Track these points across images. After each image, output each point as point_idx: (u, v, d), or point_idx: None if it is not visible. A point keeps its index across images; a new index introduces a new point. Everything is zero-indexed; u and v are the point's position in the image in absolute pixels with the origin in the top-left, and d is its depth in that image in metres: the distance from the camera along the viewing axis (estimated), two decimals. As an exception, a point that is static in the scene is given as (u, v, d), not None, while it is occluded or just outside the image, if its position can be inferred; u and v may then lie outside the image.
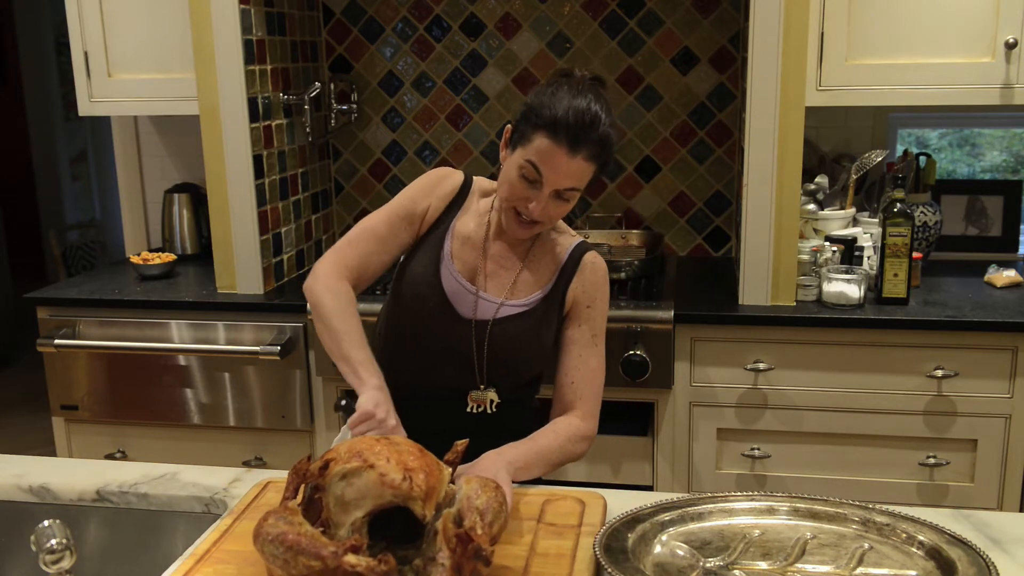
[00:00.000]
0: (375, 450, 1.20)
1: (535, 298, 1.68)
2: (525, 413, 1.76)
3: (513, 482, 1.49)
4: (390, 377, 1.64)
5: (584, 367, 1.68)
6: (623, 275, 2.64)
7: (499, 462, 1.49)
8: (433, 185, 1.74)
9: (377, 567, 1.09)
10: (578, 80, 1.58)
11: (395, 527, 1.22)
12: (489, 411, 1.67)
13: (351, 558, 1.09)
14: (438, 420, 1.62)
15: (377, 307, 2.06)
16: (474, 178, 1.77)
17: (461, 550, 1.13)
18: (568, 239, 1.74)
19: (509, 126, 1.63)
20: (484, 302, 1.66)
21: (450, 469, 1.29)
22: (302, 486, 1.25)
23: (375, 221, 1.70)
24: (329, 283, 1.62)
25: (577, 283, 1.70)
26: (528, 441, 1.60)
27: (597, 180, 1.62)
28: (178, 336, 2.67)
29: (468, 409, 1.68)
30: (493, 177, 1.74)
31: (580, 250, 1.72)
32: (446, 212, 1.72)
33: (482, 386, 1.67)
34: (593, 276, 1.71)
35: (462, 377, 1.68)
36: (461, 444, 1.40)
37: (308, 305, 1.69)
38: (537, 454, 1.58)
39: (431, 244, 1.70)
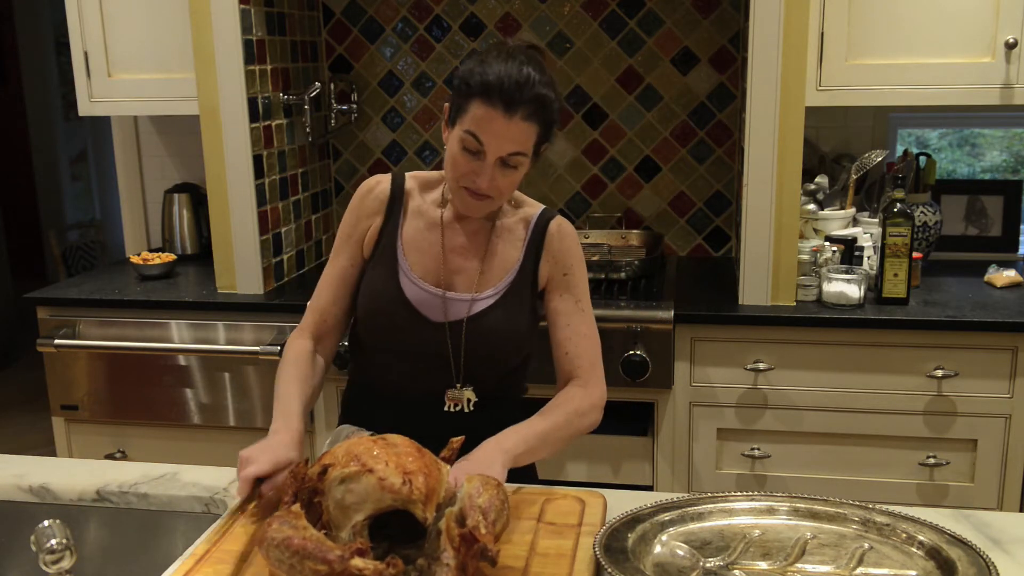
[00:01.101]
0: (373, 454, 1.20)
1: (505, 283, 1.64)
2: (511, 406, 1.70)
3: (516, 469, 1.48)
4: (367, 384, 1.65)
5: (576, 335, 1.65)
6: (623, 275, 2.64)
7: (495, 453, 1.46)
8: (359, 203, 1.69)
9: (385, 571, 1.08)
10: (509, 47, 1.54)
11: (395, 526, 1.21)
12: (466, 410, 1.64)
13: (358, 562, 1.09)
14: (418, 423, 1.55)
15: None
16: (406, 176, 1.71)
17: (465, 550, 1.13)
18: (529, 211, 1.69)
19: (447, 105, 1.58)
20: (454, 302, 1.62)
21: (448, 467, 1.29)
22: (300, 490, 1.25)
23: (323, 275, 1.71)
24: (285, 350, 1.68)
25: (547, 256, 1.65)
26: (529, 423, 1.56)
27: (543, 144, 1.57)
28: (178, 336, 2.67)
29: (445, 408, 1.64)
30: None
31: (543, 220, 1.67)
32: (386, 223, 1.67)
33: (458, 385, 1.64)
34: (561, 243, 1.66)
35: (440, 379, 1.65)
36: (457, 441, 1.39)
37: None
38: (539, 436, 1.54)
39: (383, 259, 1.66)
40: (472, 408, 1.64)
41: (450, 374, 1.64)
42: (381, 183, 1.69)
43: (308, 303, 1.72)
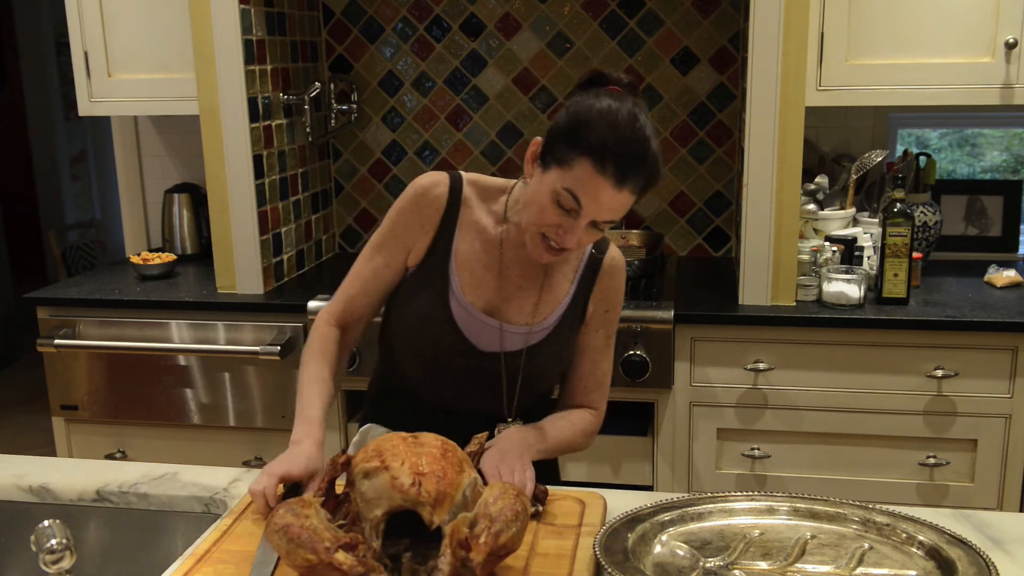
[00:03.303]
0: (395, 451, 1.21)
1: (557, 315, 1.58)
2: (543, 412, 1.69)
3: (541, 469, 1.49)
4: (399, 390, 1.63)
5: (598, 371, 1.64)
6: (623, 275, 2.63)
7: (521, 446, 1.49)
8: (413, 207, 1.56)
9: (355, 567, 1.11)
10: (619, 92, 1.40)
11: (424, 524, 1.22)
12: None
13: (340, 556, 1.12)
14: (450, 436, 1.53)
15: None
16: (463, 178, 1.58)
17: (462, 556, 1.14)
18: None
19: (539, 139, 1.44)
20: (510, 335, 1.55)
21: (473, 472, 1.28)
22: (335, 479, 1.29)
23: (358, 260, 1.62)
24: (311, 334, 1.61)
25: (597, 290, 1.60)
26: (545, 427, 1.58)
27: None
28: (178, 336, 2.67)
29: (493, 433, 1.59)
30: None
31: (597, 250, 1.60)
32: (439, 236, 1.56)
33: (510, 419, 1.60)
34: (612, 280, 1.61)
35: (487, 405, 1.60)
36: (482, 436, 1.41)
37: None
38: (553, 442, 1.57)
39: (431, 277, 1.56)
40: None
41: (499, 404, 1.60)
42: (439, 187, 1.56)
43: (339, 288, 1.64)
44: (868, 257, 2.59)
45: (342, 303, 1.62)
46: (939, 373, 2.37)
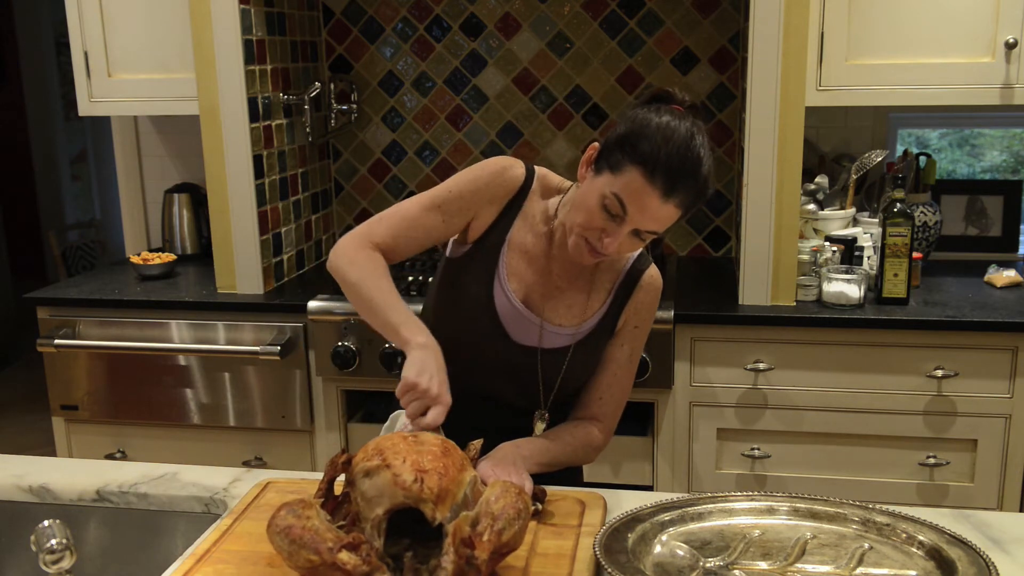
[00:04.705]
0: (396, 449, 1.22)
1: (596, 319, 1.59)
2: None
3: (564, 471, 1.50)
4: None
5: (616, 386, 1.63)
6: (623, 275, 2.63)
7: (515, 455, 1.48)
8: (488, 182, 1.56)
9: (360, 567, 1.12)
10: (681, 111, 1.43)
11: (428, 524, 1.22)
12: (537, 432, 1.61)
13: (343, 555, 1.12)
14: (472, 421, 1.51)
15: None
16: (536, 171, 1.60)
17: (466, 554, 1.14)
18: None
19: (596, 144, 1.46)
20: (551, 333, 1.57)
21: (474, 471, 1.29)
22: (335, 479, 1.29)
23: (410, 204, 1.57)
24: (351, 255, 1.52)
25: (631, 304, 1.61)
26: (544, 440, 1.57)
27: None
28: (178, 336, 2.67)
29: (534, 428, 1.60)
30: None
31: (639, 267, 1.61)
32: (502, 216, 1.57)
33: (547, 414, 1.60)
34: (647, 297, 1.61)
35: (521, 399, 1.61)
36: (478, 443, 1.40)
37: (337, 281, 1.56)
38: (553, 455, 1.56)
39: (484, 256, 1.57)
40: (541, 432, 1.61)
41: (535, 398, 1.60)
42: (514, 170, 1.57)
43: (382, 217, 1.58)
44: (868, 257, 2.59)
45: (386, 237, 1.56)
46: (939, 373, 2.37)
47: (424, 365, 1.40)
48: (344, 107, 3.10)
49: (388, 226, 1.56)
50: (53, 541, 1.14)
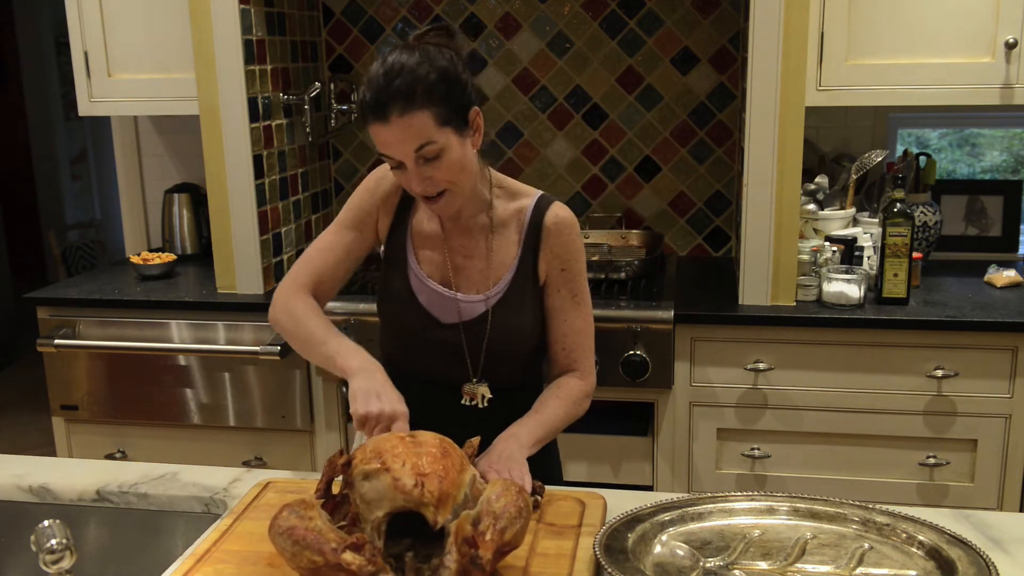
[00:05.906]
0: (395, 452, 1.22)
1: (506, 280, 1.62)
2: (529, 395, 1.69)
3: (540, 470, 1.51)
4: (391, 363, 1.63)
5: (572, 331, 1.66)
6: (623, 275, 2.64)
7: (513, 447, 1.50)
8: (375, 187, 1.67)
9: (365, 567, 1.11)
10: (404, 42, 1.51)
11: (426, 524, 1.22)
12: (481, 405, 1.64)
13: (348, 556, 1.12)
14: (437, 410, 1.57)
15: (369, 307, 2.02)
16: None
17: (469, 553, 1.14)
18: (523, 201, 1.64)
19: None
20: (466, 304, 1.62)
21: (473, 470, 1.29)
22: (333, 480, 1.29)
23: (324, 235, 1.69)
24: (285, 305, 1.64)
25: (544, 252, 1.62)
26: (535, 414, 1.60)
27: (458, 115, 1.48)
28: (178, 336, 2.67)
29: (461, 401, 1.65)
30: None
31: (538, 212, 1.62)
32: (398, 213, 1.67)
33: (474, 379, 1.64)
34: (559, 237, 1.62)
35: (456, 373, 1.65)
36: (475, 441, 1.41)
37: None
38: (547, 427, 1.59)
39: (394, 255, 1.66)
40: (487, 404, 1.65)
41: (465, 369, 1.65)
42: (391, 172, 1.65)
43: (302, 259, 1.69)
44: (868, 257, 2.59)
45: (312, 276, 1.67)
46: (939, 373, 2.37)
47: (368, 390, 1.44)
48: (344, 107, 3.09)
49: (307, 265, 1.67)
50: (53, 541, 1.14)
